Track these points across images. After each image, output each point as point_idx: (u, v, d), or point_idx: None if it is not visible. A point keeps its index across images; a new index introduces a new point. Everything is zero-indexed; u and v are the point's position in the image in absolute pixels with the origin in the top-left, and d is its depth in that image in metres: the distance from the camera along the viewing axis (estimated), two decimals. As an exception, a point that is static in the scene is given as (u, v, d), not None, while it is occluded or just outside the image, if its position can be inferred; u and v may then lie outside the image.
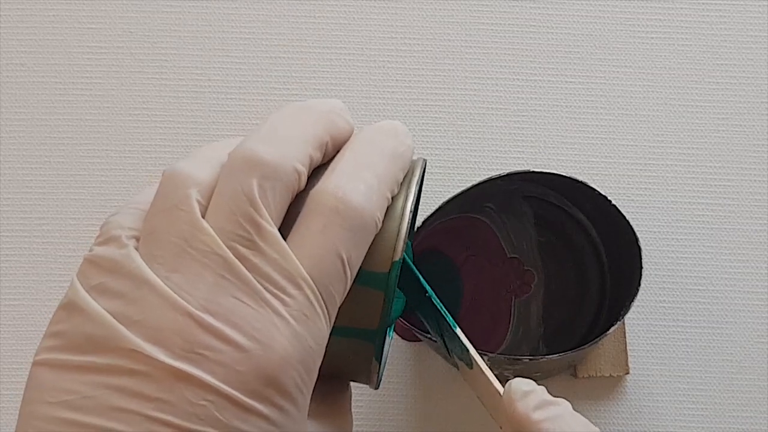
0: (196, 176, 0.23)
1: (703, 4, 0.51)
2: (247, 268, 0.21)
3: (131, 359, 0.20)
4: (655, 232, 0.49)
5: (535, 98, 0.50)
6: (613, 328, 0.39)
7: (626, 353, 0.46)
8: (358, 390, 0.46)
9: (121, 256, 0.22)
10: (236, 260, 0.21)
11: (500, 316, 0.47)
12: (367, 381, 0.27)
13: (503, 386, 0.28)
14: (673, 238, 0.49)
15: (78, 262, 0.23)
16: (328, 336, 0.23)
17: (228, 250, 0.21)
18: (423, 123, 0.50)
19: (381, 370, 0.31)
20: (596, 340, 0.39)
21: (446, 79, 0.50)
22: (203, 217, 0.22)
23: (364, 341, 0.25)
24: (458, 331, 0.30)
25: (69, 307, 0.22)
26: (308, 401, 0.23)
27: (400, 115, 0.50)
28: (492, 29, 0.51)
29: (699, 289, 0.48)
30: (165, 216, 0.22)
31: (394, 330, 0.47)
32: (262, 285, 0.21)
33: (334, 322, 0.24)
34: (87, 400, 0.20)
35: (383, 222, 0.25)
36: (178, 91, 0.50)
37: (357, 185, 0.23)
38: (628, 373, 0.46)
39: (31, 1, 0.50)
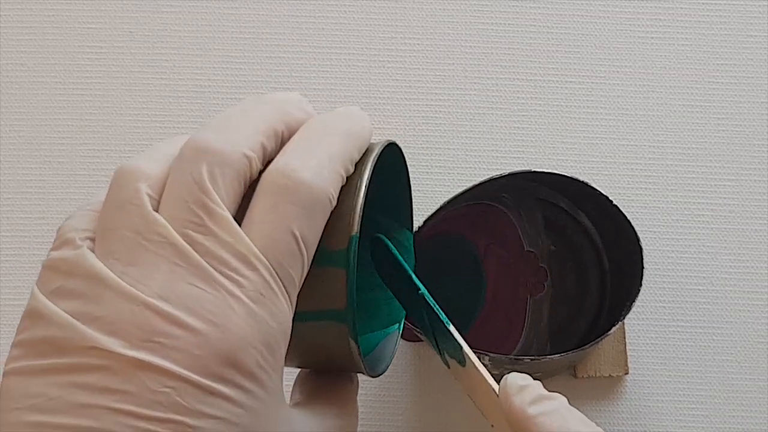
0: (145, 170, 0.23)
1: (703, 4, 0.51)
2: (200, 253, 0.22)
3: (92, 355, 0.20)
4: (655, 232, 0.49)
5: (535, 98, 0.50)
6: (614, 329, 0.39)
7: (626, 353, 0.46)
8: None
9: (76, 257, 0.22)
10: (188, 247, 0.22)
11: (516, 316, 0.47)
12: (354, 366, 0.27)
13: (497, 383, 0.28)
14: (673, 238, 0.49)
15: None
16: (290, 316, 0.23)
17: (180, 238, 0.22)
18: (423, 123, 0.50)
19: (388, 360, 0.31)
20: (597, 340, 0.39)
21: (446, 79, 0.50)
22: (157, 209, 0.23)
23: (339, 323, 0.25)
24: (451, 327, 0.30)
25: (30, 314, 0.22)
26: (278, 382, 0.23)
27: (400, 115, 0.50)
28: (492, 29, 0.51)
29: (699, 289, 0.48)
30: (117, 212, 0.23)
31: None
32: (215, 268, 0.22)
33: (307, 308, 0.24)
34: (53, 401, 0.20)
35: (340, 199, 0.25)
36: (178, 91, 0.50)
37: (306, 162, 0.24)
38: (627, 373, 0.46)
39: (31, 1, 0.50)
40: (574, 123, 0.50)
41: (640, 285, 0.40)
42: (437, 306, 0.30)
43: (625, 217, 0.41)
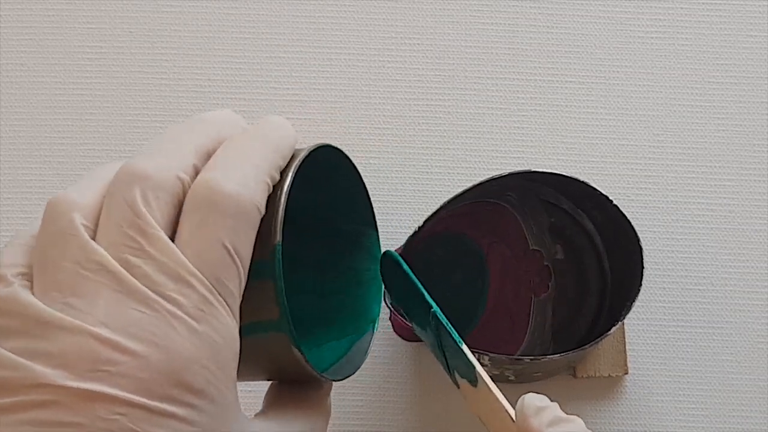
0: (78, 200, 0.23)
1: (703, 4, 0.51)
2: (137, 277, 0.22)
3: (40, 392, 0.20)
4: (655, 232, 0.49)
5: (535, 98, 0.50)
6: (614, 329, 0.39)
7: (625, 353, 0.46)
8: (357, 390, 0.46)
9: (9, 294, 0.22)
10: (125, 273, 0.22)
11: (519, 316, 0.47)
12: (306, 374, 0.27)
13: (510, 404, 0.28)
14: (673, 238, 0.49)
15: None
16: (236, 328, 0.23)
17: (117, 264, 0.22)
18: (423, 123, 0.50)
19: (359, 363, 0.31)
20: (598, 340, 0.39)
21: (446, 79, 0.50)
22: (94, 237, 0.23)
23: (280, 333, 0.25)
24: (464, 347, 0.30)
25: None
26: (231, 395, 0.23)
27: (400, 115, 0.50)
28: (492, 29, 0.51)
29: (699, 289, 0.48)
30: (53, 244, 0.23)
31: (395, 330, 0.47)
32: (153, 290, 0.22)
33: (250, 321, 0.24)
34: None
35: (267, 208, 0.25)
36: (178, 91, 0.50)
37: (231, 174, 0.24)
38: (627, 373, 0.46)
39: (31, 1, 0.50)
40: (574, 123, 0.50)
41: (640, 285, 0.40)
42: (450, 325, 0.30)
43: (625, 217, 0.41)
